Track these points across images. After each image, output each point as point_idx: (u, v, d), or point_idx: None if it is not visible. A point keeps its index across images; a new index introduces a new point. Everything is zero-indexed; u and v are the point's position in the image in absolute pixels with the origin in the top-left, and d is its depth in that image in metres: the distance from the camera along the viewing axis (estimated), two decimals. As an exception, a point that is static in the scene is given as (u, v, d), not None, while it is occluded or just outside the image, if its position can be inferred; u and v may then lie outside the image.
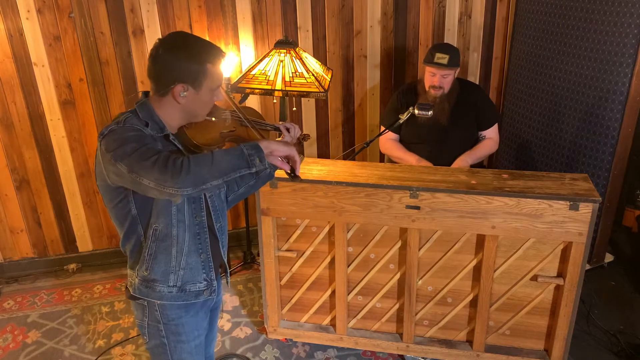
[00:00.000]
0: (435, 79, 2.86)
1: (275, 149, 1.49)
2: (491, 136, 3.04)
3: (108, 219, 3.46)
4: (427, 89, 2.90)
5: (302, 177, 2.42)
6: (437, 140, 2.96)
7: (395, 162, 3.05)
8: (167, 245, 1.63)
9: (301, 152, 2.06)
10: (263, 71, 2.57)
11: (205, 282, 1.74)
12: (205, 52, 1.53)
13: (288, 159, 1.54)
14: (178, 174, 1.37)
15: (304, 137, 2.01)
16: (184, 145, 1.65)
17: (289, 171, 1.56)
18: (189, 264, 1.68)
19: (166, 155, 1.41)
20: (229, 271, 1.91)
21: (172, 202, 1.59)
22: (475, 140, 3.06)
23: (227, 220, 1.89)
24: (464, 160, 2.92)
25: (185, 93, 1.53)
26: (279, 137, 1.88)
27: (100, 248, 3.52)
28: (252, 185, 1.89)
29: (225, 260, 1.87)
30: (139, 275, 1.66)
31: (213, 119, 1.70)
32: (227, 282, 1.92)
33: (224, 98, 1.66)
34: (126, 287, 1.74)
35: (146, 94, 1.62)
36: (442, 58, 2.81)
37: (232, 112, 1.76)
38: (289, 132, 1.86)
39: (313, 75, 2.45)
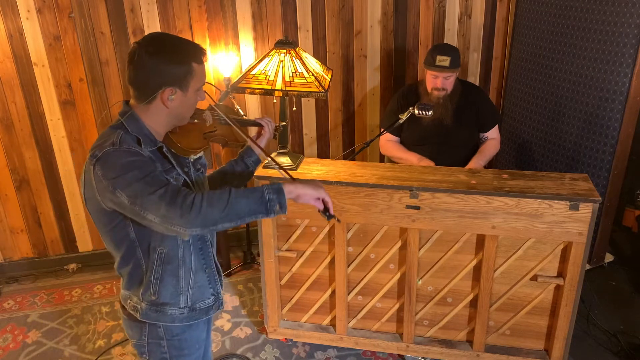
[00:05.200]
0: (438, 82, 2.85)
1: (302, 193, 1.44)
2: (494, 137, 3.04)
3: (108, 219, 3.46)
4: (429, 91, 2.90)
5: (302, 177, 2.42)
6: (439, 142, 2.96)
7: (396, 163, 3.05)
8: (174, 267, 1.57)
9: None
10: (263, 71, 2.57)
11: (213, 297, 1.70)
12: (188, 51, 1.47)
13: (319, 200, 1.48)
14: (188, 213, 1.30)
15: (276, 128, 1.98)
16: (174, 153, 1.58)
17: (322, 210, 1.50)
18: (196, 282, 1.63)
19: (174, 189, 1.34)
20: (221, 273, 1.82)
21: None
22: (477, 141, 3.06)
23: None
24: (477, 163, 2.91)
25: (173, 96, 1.46)
26: (258, 132, 1.87)
27: (100, 248, 3.52)
28: (235, 186, 1.83)
29: (217, 262, 1.79)
30: (146, 300, 1.57)
31: (195, 120, 1.64)
32: (220, 285, 1.85)
33: (205, 98, 1.62)
34: (123, 309, 1.64)
35: (127, 103, 1.52)
36: (444, 60, 2.80)
37: (211, 112, 1.71)
38: (267, 126, 1.84)
39: (313, 75, 2.45)
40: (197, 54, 1.48)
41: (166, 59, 1.43)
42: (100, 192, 1.42)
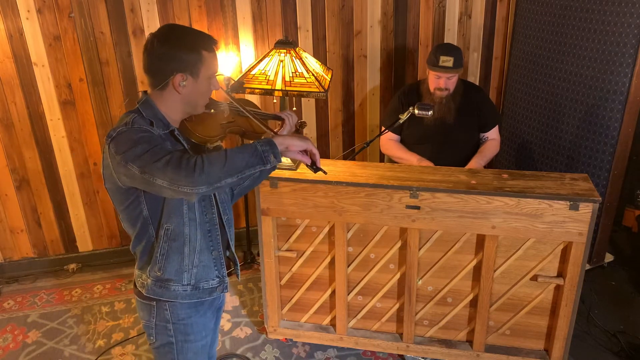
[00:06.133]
0: (441, 82, 2.85)
1: (290, 143, 1.51)
2: (494, 137, 3.04)
3: (108, 219, 3.46)
4: (432, 91, 2.90)
5: (303, 178, 2.43)
6: (440, 141, 2.96)
7: (396, 162, 3.05)
8: (179, 244, 1.64)
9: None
10: (263, 71, 2.57)
11: (218, 279, 1.76)
12: (199, 39, 1.56)
13: (307, 152, 1.56)
14: (192, 173, 1.38)
15: (301, 124, 2.00)
16: (188, 139, 1.66)
17: (309, 164, 1.57)
18: (201, 261, 1.69)
19: (179, 155, 1.42)
20: (239, 265, 1.92)
21: (184, 201, 1.60)
22: (477, 141, 3.06)
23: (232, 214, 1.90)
24: (477, 163, 2.91)
25: (184, 82, 1.55)
26: (280, 125, 1.89)
27: (100, 248, 3.52)
28: (256, 177, 1.87)
29: (233, 251, 1.88)
30: (152, 275, 1.66)
31: (212, 110, 1.71)
32: (237, 276, 1.94)
33: (221, 87, 1.68)
34: (135, 287, 1.73)
35: (146, 93, 1.63)
36: (447, 61, 2.79)
37: (229, 104, 1.77)
38: (288, 120, 1.87)
39: (313, 75, 2.45)
40: (207, 42, 1.56)
41: (176, 46, 1.52)
42: (115, 169, 1.50)
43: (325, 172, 1.61)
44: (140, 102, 1.59)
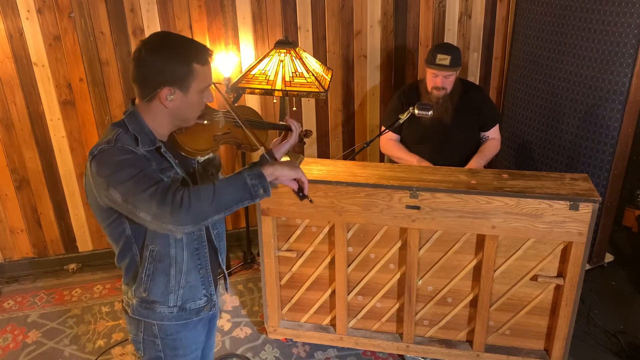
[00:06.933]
0: (438, 80, 2.86)
1: (280, 174, 1.43)
2: (494, 136, 3.04)
3: (108, 219, 3.45)
4: (429, 90, 2.90)
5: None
6: (440, 141, 2.96)
7: (396, 163, 3.05)
8: (165, 265, 1.57)
9: (301, 151, 2.03)
10: (263, 71, 2.57)
11: (206, 298, 1.68)
12: (191, 51, 1.44)
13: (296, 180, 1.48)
14: (178, 210, 1.30)
15: (306, 134, 1.94)
16: (177, 152, 1.56)
17: (296, 190, 1.50)
18: (188, 282, 1.62)
19: (165, 187, 1.34)
20: (227, 278, 1.85)
21: None
22: (477, 141, 3.06)
23: (226, 222, 1.83)
24: (477, 163, 2.92)
25: (172, 96, 1.44)
26: (281, 135, 1.82)
27: (100, 248, 3.52)
28: None
29: (224, 265, 1.78)
30: (137, 296, 1.59)
31: (205, 122, 1.59)
32: (225, 289, 1.87)
33: (217, 98, 1.60)
34: (122, 306, 1.68)
35: (134, 102, 1.53)
36: (444, 59, 2.80)
37: (225, 113, 1.66)
38: (291, 127, 1.79)
39: (313, 75, 2.45)
40: (200, 54, 1.45)
41: (166, 58, 1.42)
42: (97, 189, 1.43)
43: (311, 201, 1.53)
44: (126, 114, 1.49)
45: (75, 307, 3.15)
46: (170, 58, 1.42)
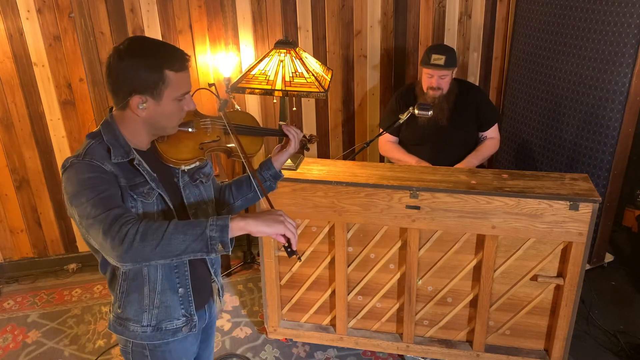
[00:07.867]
0: (433, 81, 2.86)
1: (253, 230, 1.28)
2: (492, 136, 3.04)
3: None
4: (425, 90, 2.91)
5: (303, 178, 2.43)
6: (437, 141, 2.96)
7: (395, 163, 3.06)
8: (138, 284, 1.49)
9: (301, 151, 1.99)
10: (263, 71, 2.57)
11: (185, 318, 1.58)
12: (163, 57, 1.36)
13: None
14: (119, 246, 1.21)
15: (310, 139, 1.83)
16: (160, 162, 1.49)
17: (285, 245, 1.36)
18: (163, 302, 1.52)
19: (115, 217, 1.25)
20: (222, 290, 1.75)
21: None
22: (476, 141, 3.06)
23: None
24: (469, 162, 2.92)
25: (144, 105, 1.37)
26: (282, 142, 1.73)
27: (100, 248, 3.52)
28: (250, 197, 1.73)
29: (218, 277, 1.70)
30: (113, 311, 1.56)
31: (189, 129, 1.50)
32: (220, 302, 1.80)
33: (195, 107, 1.48)
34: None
35: (111, 110, 1.46)
36: (439, 59, 2.81)
37: (213, 120, 1.57)
38: (294, 138, 1.67)
39: (313, 75, 2.45)
40: (173, 60, 1.37)
41: (135, 65, 1.35)
42: (65, 202, 1.39)
43: (300, 260, 1.45)
44: (102, 123, 1.43)
45: (75, 307, 3.15)
46: (139, 65, 1.35)
